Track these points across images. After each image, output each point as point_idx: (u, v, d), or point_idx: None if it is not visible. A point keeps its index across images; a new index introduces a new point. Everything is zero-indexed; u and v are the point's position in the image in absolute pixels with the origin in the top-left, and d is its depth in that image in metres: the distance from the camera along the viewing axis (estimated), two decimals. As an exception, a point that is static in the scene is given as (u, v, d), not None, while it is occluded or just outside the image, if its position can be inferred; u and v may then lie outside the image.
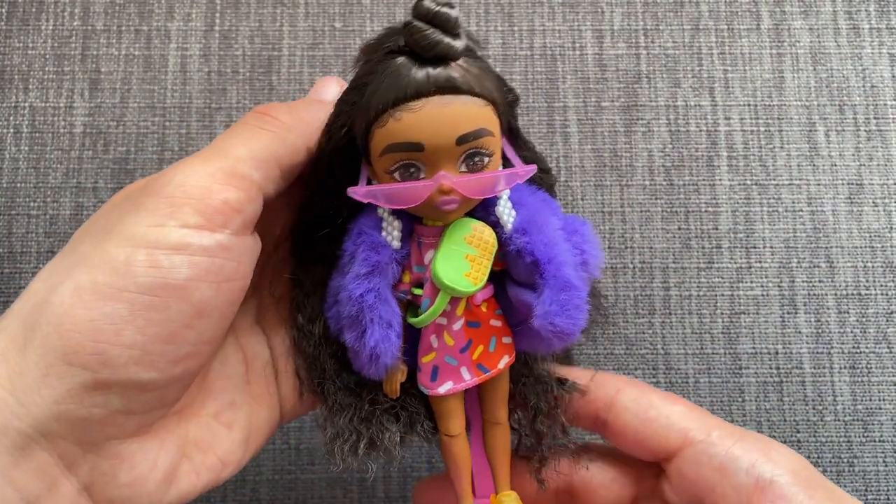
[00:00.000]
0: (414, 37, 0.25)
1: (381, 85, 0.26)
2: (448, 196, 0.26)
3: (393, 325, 0.28)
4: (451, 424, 0.31)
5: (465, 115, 0.26)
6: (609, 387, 0.32)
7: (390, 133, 0.26)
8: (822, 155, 0.50)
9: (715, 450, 0.28)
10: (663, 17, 0.52)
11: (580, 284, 0.28)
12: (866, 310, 0.48)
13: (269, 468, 0.45)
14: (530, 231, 0.28)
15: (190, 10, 0.51)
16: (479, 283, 0.28)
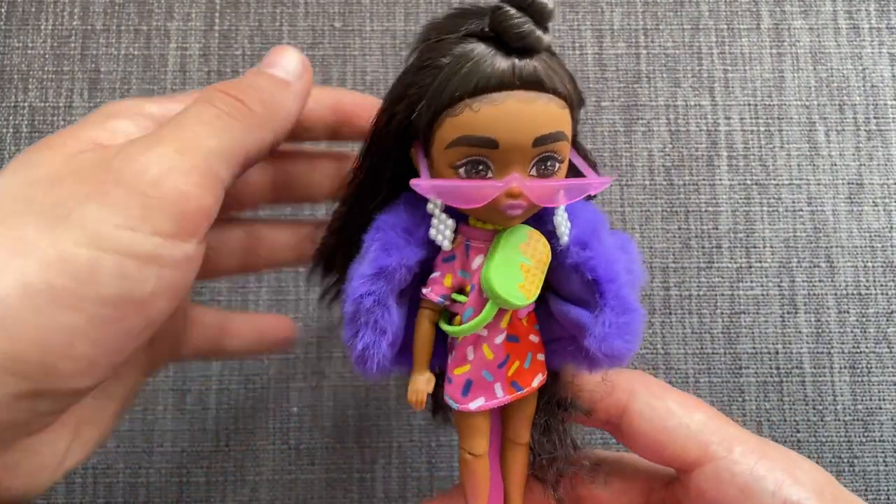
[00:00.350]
0: (504, 24, 0.23)
1: (459, 69, 0.23)
2: (515, 200, 0.24)
3: (387, 333, 0.26)
4: (476, 443, 0.29)
5: (545, 114, 0.24)
6: (621, 389, 0.29)
7: (464, 124, 0.23)
8: (822, 154, 0.50)
9: (738, 468, 0.27)
10: (663, 16, 0.52)
11: (640, 307, 0.26)
12: (866, 309, 0.48)
13: (269, 468, 0.45)
14: (592, 245, 0.26)
15: (189, 10, 0.51)
16: (532, 296, 0.26)
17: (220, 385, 0.47)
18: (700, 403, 0.30)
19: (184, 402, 0.46)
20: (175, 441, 0.46)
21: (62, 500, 0.45)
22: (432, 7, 0.52)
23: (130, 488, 0.45)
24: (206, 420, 0.46)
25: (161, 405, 0.46)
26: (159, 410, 0.46)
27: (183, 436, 0.46)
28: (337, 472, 0.46)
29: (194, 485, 0.45)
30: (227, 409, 0.46)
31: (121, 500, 0.45)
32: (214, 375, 0.47)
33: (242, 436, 0.46)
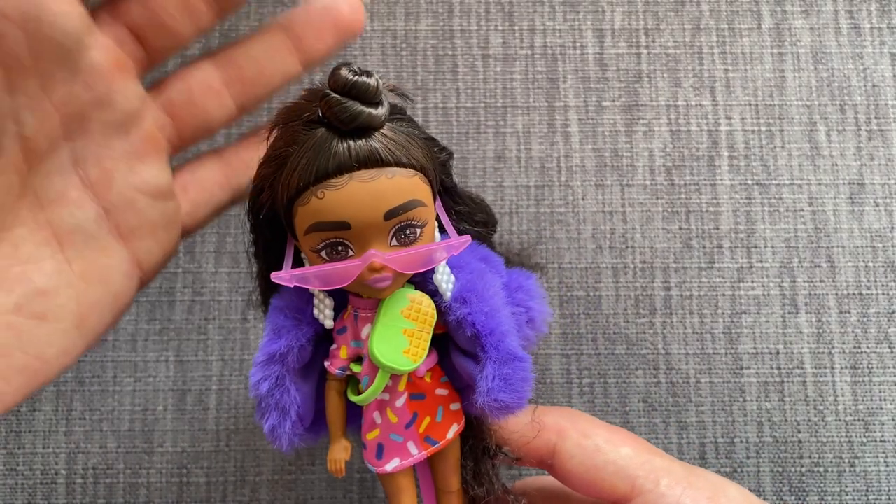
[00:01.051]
0: (332, 110, 0.24)
1: (301, 160, 0.24)
2: (380, 274, 0.25)
3: (289, 412, 0.27)
4: (402, 500, 0.29)
5: (391, 188, 0.24)
6: (550, 429, 0.30)
7: (313, 211, 0.24)
8: (823, 154, 0.50)
9: (664, 501, 0.28)
10: (664, 16, 0.52)
11: (523, 355, 0.26)
12: (867, 309, 0.48)
13: (269, 469, 0.45)
14: (470, 300, 0.27)
15: (190, 10, 0.51)
16: (419, 359, 0.27)
17: (221, 385, 0.47)
18: (627, 437, 0.30)
19: (184, 403, 0.46)
20: (175, 441, 0.46)
21: (62, 500, 0.44)
22: (433, 7, 0.52)
23: (131, 488, 0.45)
24: (206, 420, 0.46)
25: (161, 405, 0.46)
26: (159, 411, 0.46)
27: (183, 436, 0.46)
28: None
29: (194, 485, 0.45)
30: (227, 409, 0.46)
31: (121, 501, 0.45)
32: (214, 375, 0.47)
33: (243, 436, 0.46)
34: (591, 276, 0.48)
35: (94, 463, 0.45)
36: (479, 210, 0.30)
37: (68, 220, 0.27)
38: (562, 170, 0.49)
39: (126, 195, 0.28)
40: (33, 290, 0.26)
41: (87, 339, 0.27)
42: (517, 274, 0.29)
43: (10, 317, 0.25)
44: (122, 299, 0.29)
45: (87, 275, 0.27)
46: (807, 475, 0.45)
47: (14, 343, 0.25)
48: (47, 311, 0.26)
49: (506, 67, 0.51)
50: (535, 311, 0.28)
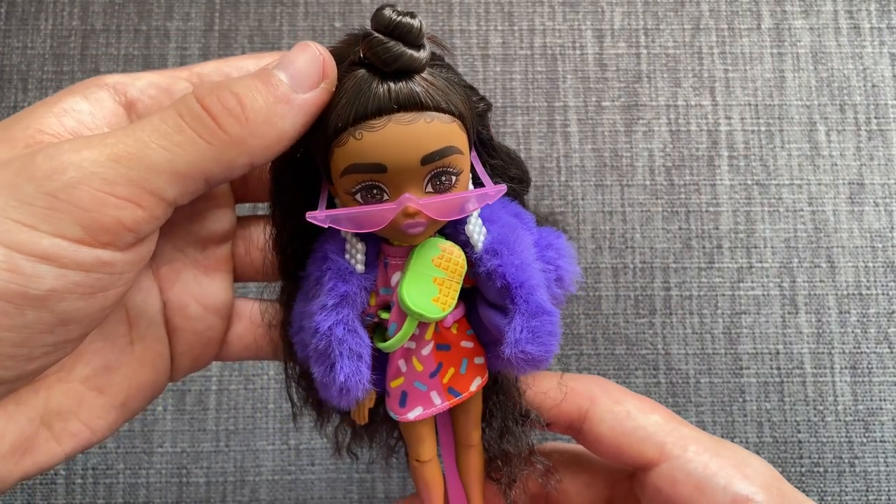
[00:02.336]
0: (374, 50, 0.23)
1: (340, 101, 0.24)
2: (413, 219, 0.25)
3: (363, 356, 0.26)
4: (421, 450, 0.30)
5: (429, 132, 0.24)
6: (581, 395, 0.30)
7: (351, 153, 0.24)
8: (822, 154, 0.50)
9: (692, 466, 0.28)
10: (664, 16, 0.52)
11: (552, 309, 0.26)
12: (867, 310, 0.47)
13: (269, 469, 0.45)
14: (501, 252, 0.26)
15: (189, 10, 0.51)
16: (447, 308, 0.26)
17: (220, 385, 0.47)
18: (657, 406, 0.31)
19: (183, 403, 0.46)
20: (175, 441, 0.46)
21: (62, 501, 0.44)
22: (432, 7, 0.52)
23: (130, 489, 0.45)
24: (205, 420, 0.46)
25: (161, 406, 0.46)
26: (159, 411, 0.46)
27: (183, 436, 0.46)
28: (337, 472, 0.46)
29: (194, 485, 0.45)
30: (226, 409, 0.46)
31: (121, 501, 0.45)
32: (214, 376, 0.47)
33: (242, 436, 0.46)
34: (591, 277, 0.48)
35: (93, 463, 0.45)
36: (513, 165, 0.30)
37: (140, 304, 0.28)
38: (561, 170, 0.49)
39: (183, 298, 0.29)
40: (103, 365, 0.27)
41: (126, 417, 0.28)
42: (547, 232, 0.29)
43: (78, 385, 0.27)
44: (158, 388, 0.29)
45: (143, 358, 0.28)
46: (807, 475, 0.45)
47: (74, 410, 0.26)
48: (106, 386, 0.27)
49: (505, 67, 0.51)
50: (564, 269, 0.28)
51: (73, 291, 0.22)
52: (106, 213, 0.22)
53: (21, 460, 0.25)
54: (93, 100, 0.26)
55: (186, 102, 0.24)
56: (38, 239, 0.21)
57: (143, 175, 0.22)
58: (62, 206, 0.21)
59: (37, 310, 0.22)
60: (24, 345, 0.22)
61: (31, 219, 0.21)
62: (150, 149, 0.22)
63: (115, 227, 0.22)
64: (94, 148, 0.22)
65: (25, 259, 0.21)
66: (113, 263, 0.23)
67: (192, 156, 0.23)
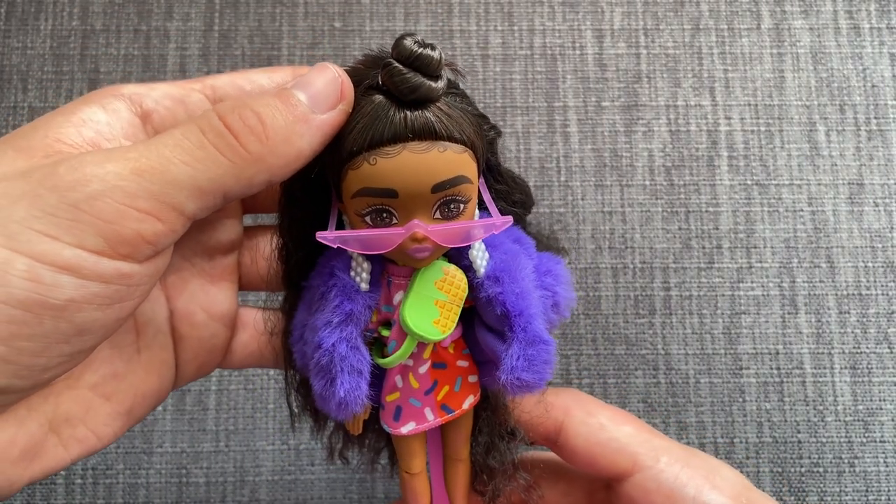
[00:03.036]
0: (393, 79, 0.24)
1: (356, 124, 0.25)
2: (420, 244, 0.25)
3: (363, 373, 0.27)
4: (412, 463, 0.31)
5: (441, 162, 0.25)
6: (557, 408, 0.31)
7: (364, 177, 0.24)
8: (822, 155, 0.50)
9: (663, 476, 0.29)
10: (663, 16, 0.52)
11: (549, 339, 0.27)
12: (867, 310, 0.47)
13: (269, 469, 0.45)
14: (503, 280, 0.27)
15: (189, 10, 0.51)
16: (447, 330, 0.27)
17: (220, 386, 0.47)
18: (630, 418, 0.31)
19: (183, 403, 0.46)
20: (175, 442, 0.46)
21: (62, 501, 0.44)
22: (432, 7, 0.52)
23: (130, 489, 0.45)
24: (205, 421, 0.46)
25: (161, 406, 0.46)
26: (159, 411, 0.46)
27: (183, 436, 0.46)
28: (337, 473, 0.46)
29: (194, 485, 0.45)
30: (226, 409, 0.46)
31: (121, 501, 0.45)
32: (214, 376, 0.47)
33: (242, 436, 0.46)
34: (591, 277, 0.48)
35: (93, 463, 0.45)
36: (518, 190, 0.31)
37: (148, 313, 0.29)
38: (561, 170, 0.49)
39: (189, 307, 0.30)
40: (111, 373, 0.28)
41: (130, 424, 0.29)
42: (547, 258, 0.30)
43: (87, 392, 0.27)
44: (163, 395, 0.30)
45: (149, 366, 0.29)
46: (806, 475, 0.45)
47: (81, 416, 0.27)
48: (114, 393, 0.28)
49: (505, 68, 0.51)
50: (561, 295, 0.29)
51: (92, 302, 0.22)
52: (127, 225, 0.22)
53: (30, 465, 0.25)
54: (110, 110, 0.26)
55: (209, 119, 0.24)
56: (59, 249, 0.21)
57: (165, 189, 0.23)
58: (84, 218, 0.22)
59: (55, 320, 0.22)
60: (41, 354, 0.22)
61: (54, 229, 0.21)
62: (173, 164, 0.23)
63: (135, 239, 0.22)
64: (118, 161, 0.23)
65: (47, 269, 0.21)
66: (131, 275, 0.23)
67: (213, 172, 0.23)
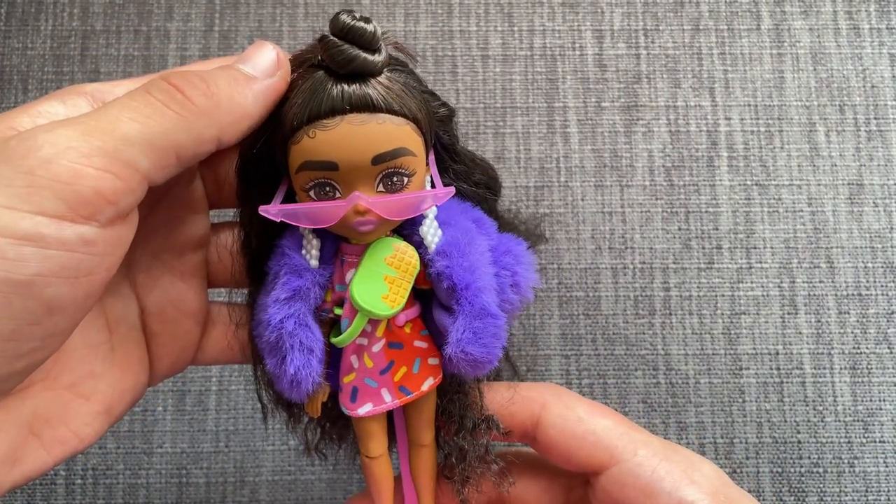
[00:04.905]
0: (329, 52, 0.25)
1: (297, 100, 0.25)
2: (363, 217, 0.26)
3: (314, 350, 0.27)
4: (371, 446, 0.30)
5: (381, 134, 0.25)
6: (534, 401, 0.31)
7: (304, 150, 0.25)
8: (822, 155, 0.50)
9: (640, 470, 0.28)
10: (663, 17, 0.52)
11: (497, 312, 0.27)
12: (867, 310, 0.48)
13: (269, 469, 0.45)
14: (451, 254, 0.27)
15: (189, 11, 0.51)
16: (396, 306, 0.27)
17: (220, 386, 0.47)
18: (608, 411, 0.31)
19: (183, 404, 0.46)
20: (175, 442, 0.46)
21: (62, 502, 0.44)
22: (432, 7, 0.52)
23: (130, 489, 0.45)
24: (205, 421, 0.46)
25: (161, 406, 0.46)
26: (159, 412, 0.46)
27: (183, 437, 0.46)
28: (337, 473, 0.46)
29: (194, 486, 0.45)
30: (226, 409, 0.46)
31: (121, 502, 0.45)
32: (214, 377, 0.47)
33: (242, 436, 0.46)
34: (591, 277, 0.48)
35: (93, 464, 0.45)
36: (478, 170, 0.30)
37: (120, 310, 0.29)
38: (561, 170, 0.49)
39: (160, 304, 0.30)
40: (88, 372, 0.28)
41: (110, 423, 0.29)
42: (507, 238, 0.29)
43: (65, 392, 0.27)
44: (139, 392, 0.30)
45: (124, 363, 0.29)
46: (806, 476, 0.45)
47: (62, 417, 0.26)
48: (92, 393, 0.28)
49: (505, 68, 0.51)
50: (521, 276, 0.28)
51: (59, 275, 0.22)
52: (85, 184, 0.22)
53: (11, 470, 0.25)
54: (69, 105, 0.26)
55: (154, 82, 0.24)
56: (18, 220, 0.21)
57: (117, 146, 0.22)
58: (41, 182, 0.21)
59: (23, 297, 0.21)
60: (11, 338, 0.22)
61: (11, 200, 0.21)
62: (122, 121, 0.23)
63: (94, 198, 0.22)
64: (67, 126, 0.22)
65: (8, 242, 0.21)
66: (95, 241, 0.23)
67: (162, 125, 0.23)
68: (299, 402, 0.29)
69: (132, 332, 0.29)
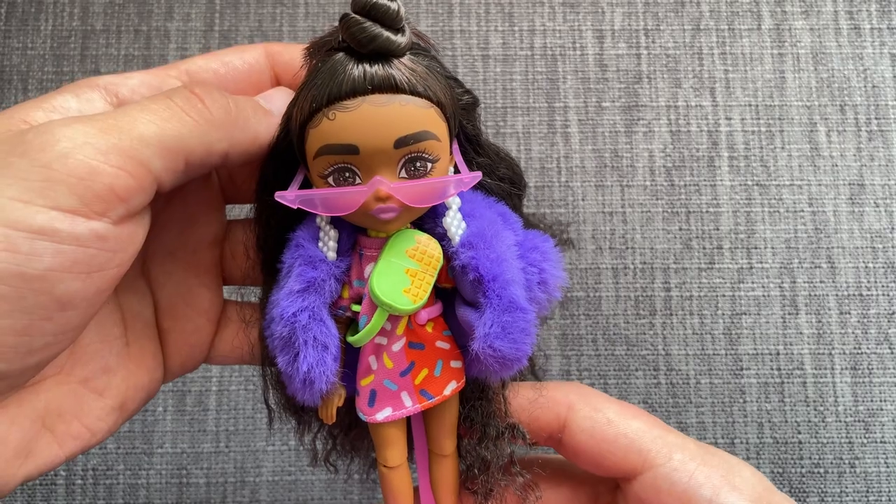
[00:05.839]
0: (350, 30, 0.23)
1: (316, 81, 0.24)
2: (385, 203, 0.24)
3: (329, 347, 0.25)
4: (389, 454, 0.28)
5: (404, 115, 0.24)
6: (559, 403, 0.29)
7: (324, 133, 0.24)
8: (823, 155, 0.50)
9: (677, 476, 0.27)
10: (664, 17, 0.52)
11: (526, 306, 0.25)
12: (867, 310, 0.47)
13: (269, 469, 0.45)
14: (477, 245, 0.25)
15: (189, 10, 0.51)
16: (419, 300, 0.25)
17: (220, 386, 0.47)
18: (639, 412, 0.29)
19: (184, 404, 0.46)
20: (175, 442, 0.46)
21: (62, 502, 0.44)
22: (432, 7, 0.52)
23: (130, 489, 0.45)
24: (206, 421, 0.46)
25: (161, 406, 0.46)
26: (159, 412, 0.46)
27: (183, 437, 0.46)
28: (337, 473, 0.45)
29: (194, 486, 0.45)
30: (226, 410, 0.46)
31: (121, 502, 0.45)
32: (214, 377, 0.47)
33: (242, 437, 0.46)
34: (591, 277, 0.48)
35: (93, 464, 0.45)
36: (503, 165, 0.29)
37: (135, 306, 0.29)
38: (562, 170, 0.49)
39: (172, 300, 0.30)
40: (102, 367, 0.27)
41: (123, 419, 0.28)
42: (534, 234, 0.28)
43: (78, 387, 0.27)
44: (154, 389, 0.30)
45: (139, 359, 0.29)
46: (807, 476, 0.45)
47: (75, 411, 0.26)
48: (106, 388, 0.27)
49: (505, 68, 0.51)
50: (549, 273, 0.27)
51: (71, 270, 0.22)
52: (100, 181, 0.22)
53: (24, 463, 0.25)
54: (83, 99, 0.26)
55: (177, 89, 0.25)
56: (33, 213, 0.21)
57: (133, 145, 0.23)
58: (56, 176, 0.21)
59: (36, 292, 0.21)
60: (24, 333, 0.22)
61: (27, 194, 0.21)
62: (139, 122, 0.23)
63: (108, 195, 0.22)
64: (85, 122, 0.23)
65: (22, 236, 0.21)
66: (107, 237, 0.23)
67: (178, 130, 0.24)
68: (312, 406, 0.27)
69: (147, 329, 0.29)
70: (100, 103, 0.26)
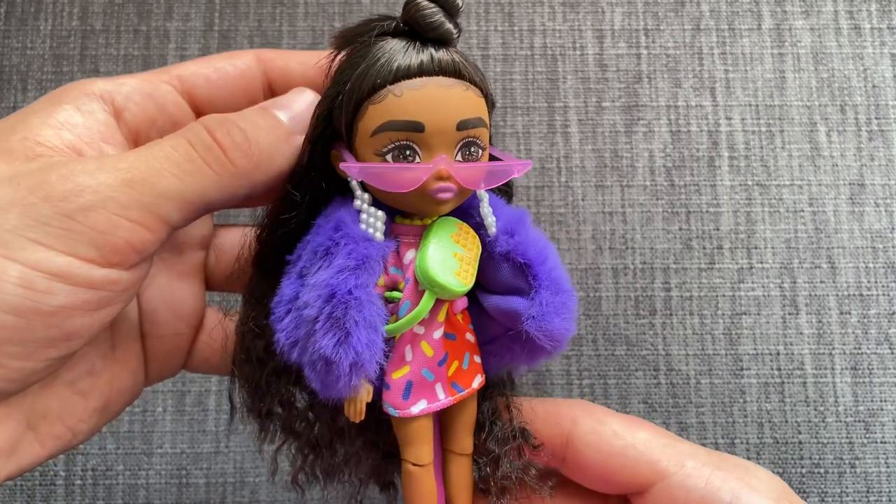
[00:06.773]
0: (417, 13, 0.24)
1: (377, 61, 0.24)
2: (445, 183, 0.24)
3: (378, 329, 0.24)
4: (421, 452, 0.27)
5: (466, 100, 0.25)
6: (562, 417, 0.28)
7: (388, 109, 0.24)
8: (823, 155, 0.50)
9: (692, 482, 0.26)
10: (664, 16, 0.52)
11: (571, 289, 0.26)
12: (868, 310, 0.47)
13: (269, 469, 0.45)
14: (517, 231, 0.26)
15: (189, 10, 0.51)
16: (469, 282, 0.26)
17: (220, 387, 0.46)
18: (643, 423, 0.28)
19: (183, 404, 0.46)
20: (174, 443, 0.46)
21: (62, 502, 0.44)
22: (432, 7, 0.52)
23: (130, 490, 0.45)
24: (205, 421, 0.46)
25: (160, 407, 0.46)
26: (159, 412, 0.46)
27: (182, 437, 0.46)
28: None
29: (194, 486, 0.45)
30: (226, 410, 0.46)
31: (120, 502, 0.45)
32: (214, 377, 0.47)
33: (242, 437, 0.46)
34: (591, 277, 0.48)
35: (93, 464, 0.45)
36: None
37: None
38: (561, 170, 0.49)
39: (153, 303, 0.30)
40: (88, 370, 0.28)
41: (105, 420, 0.29)
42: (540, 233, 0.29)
43: (63, 389, 0.27)
44: (136, 392, 0.30)
45: (123, 362, 0.29)
46: (807, 476, 0.45)
47: (58, 414, 0.27)
48: (89, 390, 0.28)
49: (505, 68, 0.51)
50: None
51: (82, 308, 0.23)
52: (119, 235, 0.23)
53: (6, 462, 0.25)
54: (85, 112, 0.27)
55: (197, 133, 0.25)
56: (53, 258, 0.22)
57: (155, 201, 0.23)
58: (78, 228, 0.22)
59: (46, 326, 0.22)
60: (28, 358, 0.23)
61: (48, 239, 0.22)
62: (163, 176, 0.24)
63: (125, 248, 0.23)
64: (109, 172, 0.23)
65: (40, 276, 0.22)
66: (119, 281, 0.24)
67: (200, 184, 0.24)
68: (340, 399, 0.25)
69: (132, 331, 0.29)
70: (101, 115, 0.27)
